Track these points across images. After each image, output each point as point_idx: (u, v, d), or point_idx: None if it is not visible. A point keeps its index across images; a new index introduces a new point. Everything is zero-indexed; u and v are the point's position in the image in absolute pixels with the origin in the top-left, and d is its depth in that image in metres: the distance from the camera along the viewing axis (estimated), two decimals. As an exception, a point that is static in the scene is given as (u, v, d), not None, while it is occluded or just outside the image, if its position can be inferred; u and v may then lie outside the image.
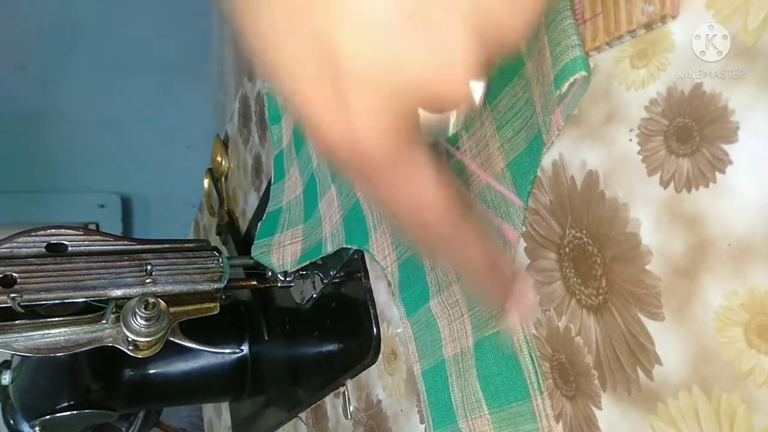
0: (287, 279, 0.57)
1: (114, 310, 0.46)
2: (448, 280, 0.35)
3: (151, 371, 0.65)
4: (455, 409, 0.34)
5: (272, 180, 0.62)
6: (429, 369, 0.37)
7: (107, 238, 0.49)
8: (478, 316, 0.33)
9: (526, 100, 0.29)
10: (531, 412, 0.30)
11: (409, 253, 0.39)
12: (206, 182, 0.92)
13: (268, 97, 0.65)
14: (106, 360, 0.60)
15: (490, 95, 0.31)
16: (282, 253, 0.56)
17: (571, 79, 0.24)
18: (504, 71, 0.30)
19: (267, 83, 0.65)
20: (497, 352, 0.31)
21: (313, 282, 0.55)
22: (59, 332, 0.45)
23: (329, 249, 0.48)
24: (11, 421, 0.61)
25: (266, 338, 0.67)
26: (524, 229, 0.30)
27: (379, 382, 0.45)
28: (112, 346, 0.45)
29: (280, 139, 0.63)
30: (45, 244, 0.47)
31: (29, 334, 0.44)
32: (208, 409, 1.08)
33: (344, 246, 0.46)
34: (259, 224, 0.60)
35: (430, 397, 0.37)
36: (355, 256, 0.47)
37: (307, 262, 0.52)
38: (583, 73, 0.24)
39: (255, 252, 0.58)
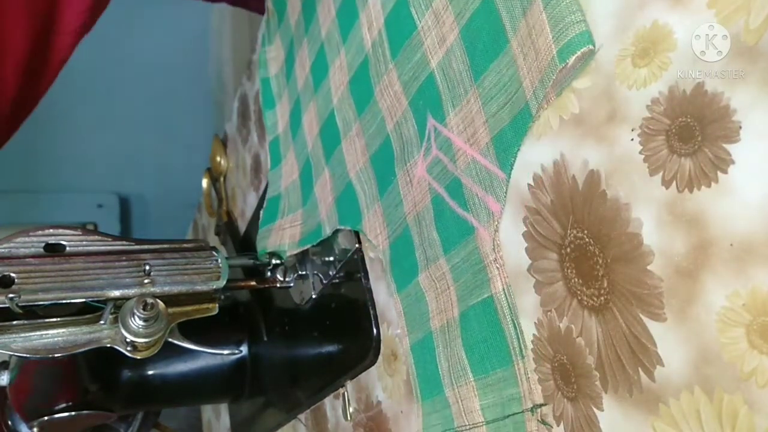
0: (287, 279, 0.57)
1: (112, 311, 0.45)
2: (435, 254, 0.36)
3: (150, 372, 0.65)
4: (442, 379, 0.35)
5: (269, 166, 0.63)
6: (417, 342, 0.38)
7: (105, 239, 0.49)
8: (463, 287, 0.33)
9: (510, 77, 0.29)
10: (513, 377, 0.30)
11: (399, 230, 0.40)
12: (205, 182, 0.92)
13: (264, 82, 0.65)
14: (104, 361, 0.60)
15: (475, 73, 0.32)
16: (281, 235, 0.56)
17: (579, 53, 0.25)
18: (488, 48, 0.31)
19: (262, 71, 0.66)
20: (481, 320, 0.32)
21: (313, 282, 0.54)
22: (57, 333, 0.44)
23: (328, 231, 0.49)
24: (9, 422, 0.60)
25: (265, 339, 0.67)
26: (506, 200, 0.30)
27: (379, 383, 0.44)
28: (110, 347, 0.45)
29: (274, 125, 0.63)
30: (43, 244, 0.47)
31: (27, 334, 0.44)
32: (207, 411, 1.08)
33: (338, 227, 0.47)
34: (261, 212, 0.61)
35: (418, 370, 0.38)
36: (355, 257, 0.47)
37: (308, 246, 0.52)
38: (590, 47, 0.25)
39: (260, 241, 0.59)
